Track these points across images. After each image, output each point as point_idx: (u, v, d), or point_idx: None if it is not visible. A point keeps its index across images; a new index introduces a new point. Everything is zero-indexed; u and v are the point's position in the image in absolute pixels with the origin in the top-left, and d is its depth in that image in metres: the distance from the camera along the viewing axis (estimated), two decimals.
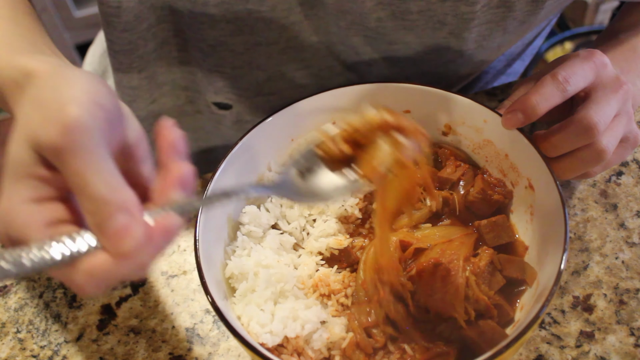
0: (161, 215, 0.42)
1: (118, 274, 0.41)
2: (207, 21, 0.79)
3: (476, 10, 0.72)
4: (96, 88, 0.43)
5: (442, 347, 0.62)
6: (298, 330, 0.61)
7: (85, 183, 0.40)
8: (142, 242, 0.41)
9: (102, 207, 0.40)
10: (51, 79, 0.44)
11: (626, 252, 0.74)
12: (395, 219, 0.68)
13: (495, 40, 0.79)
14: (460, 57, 0.81)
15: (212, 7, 0.76)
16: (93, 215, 0.40)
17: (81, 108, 0.41)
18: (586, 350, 0.67)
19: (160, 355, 0.71)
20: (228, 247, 0.67)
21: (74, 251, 0.41)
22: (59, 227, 0.42)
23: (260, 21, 0.78)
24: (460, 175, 0.72)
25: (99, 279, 0.41)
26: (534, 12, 0.75)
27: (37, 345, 0.73)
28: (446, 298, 0.63)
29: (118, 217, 0.40)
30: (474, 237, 0.68)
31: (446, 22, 0.74)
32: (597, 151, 0.64)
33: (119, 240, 0.40)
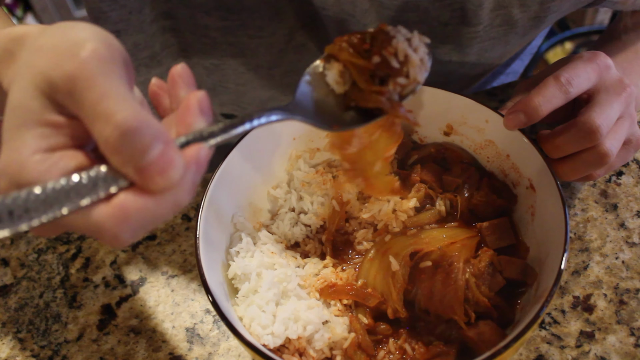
0: (189, 146, 0.38)
1: (156, 215, 0.37)
2: (210, 42, 0.80)
3: (479, 31, 0.73)
4: (103, 32, 0.39)
5: (442, 347, 0.62)
6: (300, 332, 0.61)
7: (111, 110, 0.35)
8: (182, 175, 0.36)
9: (133, 137, 0.35)
10: (48, 31, 0.40)
11: (626, 252, 0.74)
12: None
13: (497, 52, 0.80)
14: (461, 67, 0.82)
15: (213, 30, 0.77)
16: (123, 149, 0.35)
17: (95, 43, 0.37)
18: (586, 350, 0.67)
19: (160, 355, 0.70)
20: (232, 249, 0.67)
21: (102, 194, 0.36)
22: None
23: (261, 46, 0.79)
24: (466, 178, 0.72)
25: (136, 222, 0.36)
26: (536, 26, 0.76)
27: (37, 345, 0.73)
28: (446, 300, 0.63)
29: (154, 147, 0.35)
30: (477, 239, 0.68)
31: (448, 41, 0.75)
32: (600, 154, 0.64)
33: (158, 174, 0.35)
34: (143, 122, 0.35)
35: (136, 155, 0.35)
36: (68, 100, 0.37)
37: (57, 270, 0.79)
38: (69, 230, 0.39)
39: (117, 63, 0.38)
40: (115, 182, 0.36)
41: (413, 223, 0.70)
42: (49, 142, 0.37)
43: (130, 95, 0.37)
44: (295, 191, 0.74)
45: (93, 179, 0.36)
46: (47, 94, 0.37)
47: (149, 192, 0.36)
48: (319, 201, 0.73)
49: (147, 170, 0.35)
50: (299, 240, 0.73)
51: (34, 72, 0.38)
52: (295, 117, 0.49)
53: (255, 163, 0.72)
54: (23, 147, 0.37)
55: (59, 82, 0.36)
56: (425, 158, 0.76)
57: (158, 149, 0.35)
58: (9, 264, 0.81)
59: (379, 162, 0.60)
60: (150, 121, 0.36)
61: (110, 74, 0.37)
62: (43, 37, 0.39)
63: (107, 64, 0.37)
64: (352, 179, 0.61)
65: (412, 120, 0.53)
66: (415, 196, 0.71)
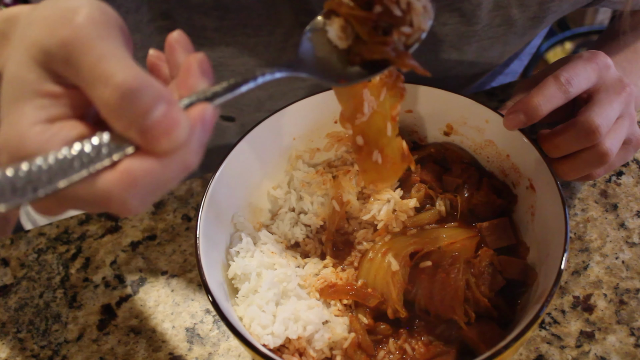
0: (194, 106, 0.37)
1: (164, 178, 0.35)
2: (207, 43, 0.79)
3: (477, 30, 0.73)
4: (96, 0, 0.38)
5: (442, 347, 0.62)
6: (300, 332, 0.61)
7: (109, 72, 0.34)
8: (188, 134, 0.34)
9: (135, 98, 0.33)
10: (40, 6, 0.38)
11: (626, 252, 0.74)
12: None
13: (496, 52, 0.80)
14: (459, 65, 0.82)
15: (211, 31, 0.77)
16: (124, 111, 0.34)
17: (89, 8, 0.36)
18: (586, 350, 0.67)
19: (160, 355, 0.70)
20: (232, 249, 0.67)
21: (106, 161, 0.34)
22: None
23: (259, 45, 0.78)
24: (466, 178, 0.72)
25: (144, 187, 0.35)
26: (535, 26, 0.76)
27: (37, 345, 0.73)
28: (446, 300, 0.63)
29: (157, 107, 0.34)
30: (477, 239, 0.68)
31: (446, 40, 0.75)
32: (599, 153, 0.64)
33: (163, 135, 0.34)
34: (144, 82, 0.34)
35: (139, 116, 0.34)
36: (65, 67, 0.36)
37: (57, 270, 0.79)
38: (75, 206, 0.37)
39: (114, 27, 0.37)
40: (119, 149, 0.35)
41: (413, 223, 0.70)
42: (48, 113, 0.36)
43: (129, 57, 0.35)
44: (295, 191, 0.74)
45: (96, 146, 0.35)
46: (43, 64, 0.36)
47: (156, 155, 0.35)
48: (319, 201, 0.73)
49: (152, 132, 0.34)
50: (299, 240, 0.73)
51: (27, 43, 0.36)
52: (299, 73, 0.47)
53: (255, 163, 0.72)
54: (22, 119, 0.35)
55: (55, 50, 0.35)
56: (425, 158, 0.76)
57: (161, 109, 0.34)
58: (9, 264, 0.81)
59: (389, 125, 0.59)
60: (151, 81, 0.34)
61: (107, 36, 0.36)
62: (35, 11, 0.38)
63: (103, 27, 0.36)
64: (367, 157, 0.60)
65: (422, 69, 0.51)
66: (415, 196, 0.71)
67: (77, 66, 0.35)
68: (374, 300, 0.64)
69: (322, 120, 0.75)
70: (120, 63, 0.35)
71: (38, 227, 0.84)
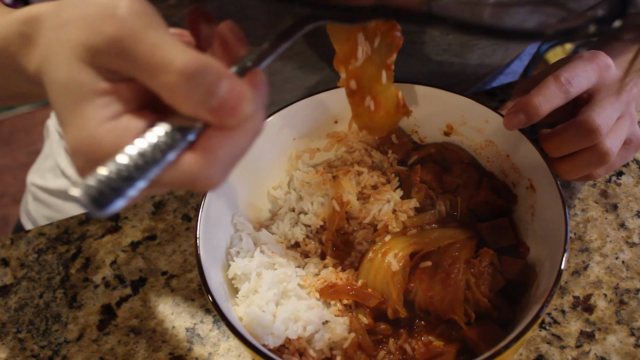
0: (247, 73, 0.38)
1: (241, 147, 0.37)
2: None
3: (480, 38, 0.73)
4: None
5: (442, 347, 0.62)
6: (300, 332, 0.61)
7: (168, 58, 0.34)
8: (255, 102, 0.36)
9: (199, 79, 0.34)
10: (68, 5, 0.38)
11: (626, 252, 0.74)
12: None
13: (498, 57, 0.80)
14: (462, 71, 0.82)
15: None
16: (191, 94, 0.34)
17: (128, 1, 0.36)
18: (586, 351, 0.67)
19: (161, 355, 0.70)
20: (232, 249, 0.67)
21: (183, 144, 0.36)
22: None
23: None
24: (466, 178, 0.72)
25: (224, 159, 0.36)
26: None
27: (37, 345, 0.73)
28: (446, 300, 0.63)
29: (222, 84, 0.34)
30: (477, 239, 0.68)
31: (449, 49, 0.74)
32: (600, 153, 0.64)
33: (234, 109, 0.35)
34: (203, 62, 0.34)
35: (206, 96, 0.34)
36: (118, 62, 0.36)
37: (57, 270, 0.79)
38: (160, 190, 0.39)
39: (154, 14, 0.37)
40: (192, 129, 0.36)
41: (413, 223, 0.70)
42: (111, 110, 0.36)
43: (177, 40, 0.36)
44: (295, 191, 0.74)
45: (170, 132, 0.36)
46: (93, 63, 0.36)
47: (229, 128, 0.36)
48: (319, 201, 0.73)
49: (222, 109, 0.35)
50: (299, 240, 0.73)
51: (71, 45, 0.36)
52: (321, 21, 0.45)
53: (256, 163, 0.72)
54: (88, 122, 0.35)
55: (104, 47, 0.35)
56: (425, 158, 0.76)
57: (226, 85, 0.35)
58: (9, 264, 0.81)
59: (384, 73, 0.59)
60: (209, 60, 0.35)
61: (153, 24, 0.36)
62: (64, 11, 0.38)
63: (147, 16, 0.36)
64: (359, 102, 0.59)
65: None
66: (415, 196, 0.71)
67: (132, 59, 0.35)
68: (374, 300, 0.64)
69: (322, 120, 0.75)
70: (175, 48, 0.35)
71: (38, 227, 0.84)
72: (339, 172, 0.74)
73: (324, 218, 0.72)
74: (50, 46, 0.37)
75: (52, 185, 1.07)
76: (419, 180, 0.72)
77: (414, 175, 0.72)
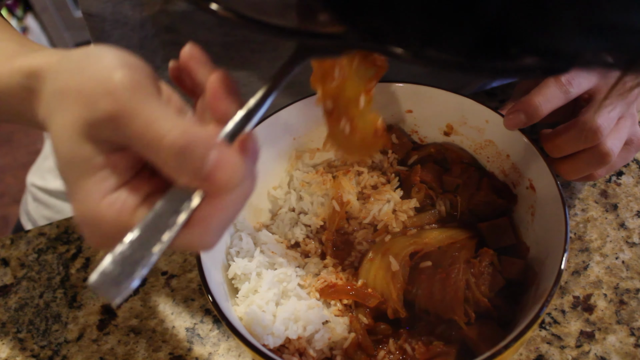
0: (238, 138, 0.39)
1: (232, 212, 0.39)
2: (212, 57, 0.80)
3: None
4: (120, 53, 0.39)
5: (442, 347, 0.62)
6: (300, 332, 0.61)
7: (160, 135, 0.36)
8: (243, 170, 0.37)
9: (188, 154, 0.36)
10: (62, 68, 0.40)
11: (626, 252, 0.74)
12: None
13: None
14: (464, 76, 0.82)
15: (215, 45, 0.78)
16: (183, 168, 0.36)
17: (120, 71, 0.38)
18: (586, 350, 0.67)
19: (161, 355, 0.71)
20: (232, 249, 0.67)
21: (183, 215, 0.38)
22: (151, 202, 0.38)
23: (263, 60, 0.79)
24: (466, 178, 0.72)
25: (217, 226, 0.39)
26: None
27: (37, 345, 0.73)
28: (446, 300, 0.63)
29: (210, 156, 0.36)
30: (477, 239, 0.68)
31: None
32: (601, 154, 0.64)
33: (224, 179, 0.36)
34: (191, 136, 0.36)
35: (196, 168, 0.36)
36: (115, 136, 0.37)
37: (57, 270, 0.79)
38: None
39: (147, 83, 0.38)
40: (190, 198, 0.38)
41: (413, 223, 0.70)
42: (110, 183, 0.38)
43: (169, 112, 0.37)
44: (295, 191, 0.74)
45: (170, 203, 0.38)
46: (92, 137, 0.38)
47: (221, 196, 0.37)
48: (319, 201, 0.73)
49: (213, 178, 0.36)
50: (299, 240, 0.73)
51: (71, 119, 0.38)
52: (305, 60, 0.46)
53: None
54: (90, 197, 0.38)
55: (101, 123, 0.37)
56: (425, 158, 0.76)
57: (214, 157, 0.36)
58: (9, 264, 0.81)
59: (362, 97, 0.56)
60: (197, 132, 0.36)
61: (146, 98, 0.37)
62: (63, 76, 0.39)
63: (140, 89, 0.37)
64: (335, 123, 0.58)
65: None
66: (415, 196, 0.71)
67: (127, 135, 0.37)
68: (374, 300, 0.64)
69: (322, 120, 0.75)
70: (166, 122, 0.36)
71: (38, 227, 0.84)
72: (339, 172, 0.74)
73: (324, 218, 0.72)
74: (52, 112, 0.39)
75: (52, 185, 1.07)
76: (419, 180, 0.72)
77: (414, 175, 0.72)
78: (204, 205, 0.38)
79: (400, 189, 0.72)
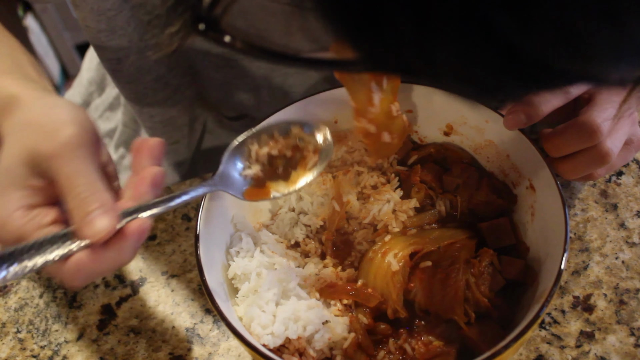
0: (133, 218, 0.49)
1: (100, 268, 0.48)
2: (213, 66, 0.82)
3: None
4: (81, 116, 0.50)
5: (442, 347, 0.62)
6: (300, 332, 0.61)
7: (73, 185, 0.47)
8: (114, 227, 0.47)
9: (84, 204, 0.46)
10: (37, 105, 0.51)
11: (626, 252, 0.74)
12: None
13: None
14: None
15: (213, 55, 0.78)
16: (77, 211, 0.46)
17: (72, 129, 0.48)
18: (586, 350, 0.67)
19: (160, 355, 0.70)
20: (232, 249, 0.67)
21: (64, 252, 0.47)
22: (50, 228, 0.48)
23: (261, 69, 0.81)
24: (466, 178, 0.72)
25: (85, 272, 0.47)
26: None
27: (37, 345, 0.73)
28: (446, 300, 0.63)
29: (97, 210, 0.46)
30: (477, 239, 0.68)
31: None
32: (600, 153, 0.64)
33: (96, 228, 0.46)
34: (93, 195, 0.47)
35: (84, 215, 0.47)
36: (46, 171, 0.48)
37: None
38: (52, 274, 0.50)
39: (87, 147, 0.49)
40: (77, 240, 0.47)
41: (413, 223, 0.70)
42: (29, 201, 0.48)
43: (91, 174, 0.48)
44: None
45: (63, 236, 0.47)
46: (30, 165, 0.48)
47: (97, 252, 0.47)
48: (319, 201, 0.73)
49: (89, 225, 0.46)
50: (299, 240, 0.73)
51: (21, 145, 0.48)
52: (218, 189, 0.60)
53: None
54: (8, 205, 0.47)
55: (40, 159, 0.47)
56: (425, 158, 0.76)
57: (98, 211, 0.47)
58: None
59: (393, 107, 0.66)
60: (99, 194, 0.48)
61: (79, 157, 0.48)
62: (31, 112, 0.50)
63: (78, 149, 0.48)
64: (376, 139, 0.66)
65: None
66: (415, 196, 0.71)
67: (54, 175, 0.47)
68: (374, 300, 0.64)
69: (322, 120, 0.75)
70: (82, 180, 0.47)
71: None
72: (339, 172, 0.74)
73: (324, 218, 0.72)
74: (11, 137, 0.50)
75: None
76: (419, 180, 0.72)
77: (414, 175, 0.72)
78: (81, 253, 0.47)
79: (400, 189, 0.72)
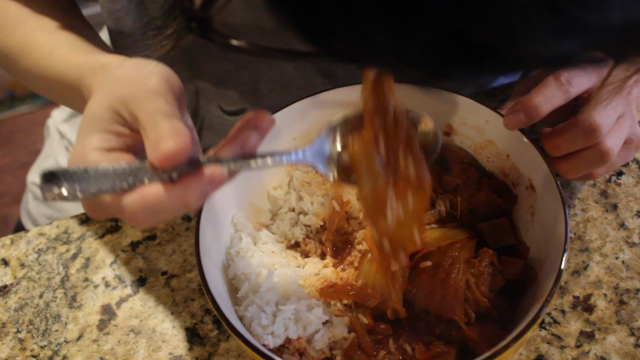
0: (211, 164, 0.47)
1: (167, 205, 0.45)
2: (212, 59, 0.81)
3: None
4: (168, 72, 0.50)
5: (442, 347, 0.62)
6: (300, 332, 0.61)
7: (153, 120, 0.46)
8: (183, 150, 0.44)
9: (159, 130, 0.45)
10: (128, 63, 0.53)
11: (626, 252, 0.74)
12: None
13: None
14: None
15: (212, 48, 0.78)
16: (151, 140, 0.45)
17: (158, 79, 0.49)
18: (586, 350, 0.67)
19: (160, 355, 0.71)
20: (232, 249, 0.67)
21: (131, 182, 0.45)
22: None
23: (261, 62, 0.81)
24: (466, 178, 0.72)
25: (150, 208, 0.45)
26: None
27: (37, 345, 0.73)
28: (446, 300, 0.63)
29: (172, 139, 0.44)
30: (476, 239, 0.68)
31: None
32: (600, 153, 0.64)
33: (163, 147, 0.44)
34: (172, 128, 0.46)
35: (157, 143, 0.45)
36: (130, 115, 0.48)
37: (57, 270, 0.79)
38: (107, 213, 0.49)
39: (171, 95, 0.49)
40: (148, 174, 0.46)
41: None
42: (109, 144, 0.48)
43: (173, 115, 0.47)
44: (295, 191, 0.74)
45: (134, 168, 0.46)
46: (116, 110, 0.48)
47: (164, 186, 0.45)
48: (319, 201, 0.73)
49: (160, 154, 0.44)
50: (299, 240, 0.73)
51: (110, 93, 0.50)
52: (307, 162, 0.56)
53: None
54: (88, 144, 0.48)
55: (125, 102, 0.48)
56: None
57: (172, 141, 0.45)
58: (9, 264, 0.81)
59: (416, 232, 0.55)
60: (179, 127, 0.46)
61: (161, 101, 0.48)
62: (122, 68, 0.52)
63: (163, 95, 0.48)
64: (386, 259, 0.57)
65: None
66: None
67: (137, 115, 0.47)
68: (374, 300, 0.64)
69: (322, 120, 0.75)
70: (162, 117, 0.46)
71: (38, 227, 0.84)
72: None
73: (324, 218, 0.72)
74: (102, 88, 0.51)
75: None
76: None
77: None
78: (149, 186, 0.45)
79: None
